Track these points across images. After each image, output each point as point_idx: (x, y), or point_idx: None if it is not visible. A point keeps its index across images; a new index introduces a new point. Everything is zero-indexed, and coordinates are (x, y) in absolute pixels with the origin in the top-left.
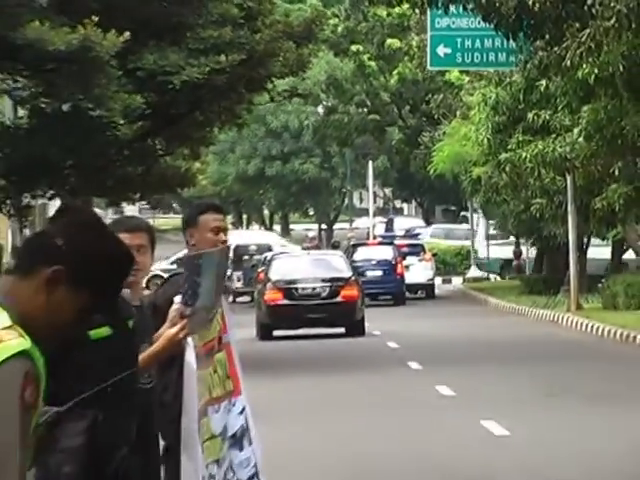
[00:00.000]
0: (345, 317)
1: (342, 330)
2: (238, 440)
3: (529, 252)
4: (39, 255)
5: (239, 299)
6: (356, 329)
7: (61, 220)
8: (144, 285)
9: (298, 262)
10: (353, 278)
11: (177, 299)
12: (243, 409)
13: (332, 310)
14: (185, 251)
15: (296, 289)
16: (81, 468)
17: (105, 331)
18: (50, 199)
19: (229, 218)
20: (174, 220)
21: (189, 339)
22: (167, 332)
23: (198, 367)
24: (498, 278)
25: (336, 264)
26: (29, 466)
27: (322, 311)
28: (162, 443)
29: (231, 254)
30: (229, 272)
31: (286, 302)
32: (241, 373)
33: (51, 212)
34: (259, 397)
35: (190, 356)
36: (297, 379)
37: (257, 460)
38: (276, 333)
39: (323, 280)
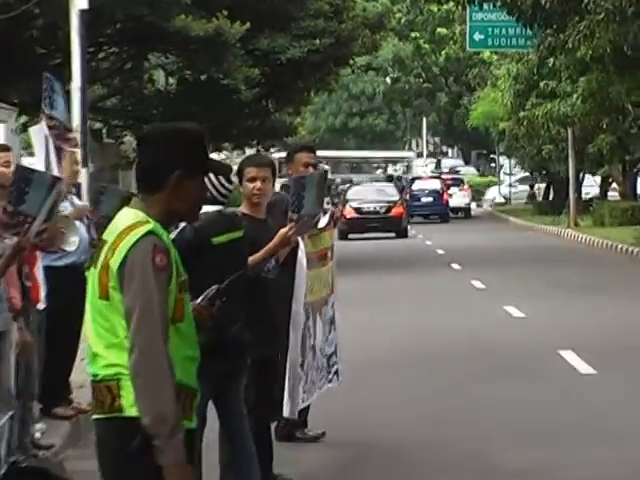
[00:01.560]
0: (394, 226)
1: (392, 235)
2: (329, 325)
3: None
4: (154, 176)
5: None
6: (401, 233)
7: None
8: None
9: (365, 190)
10: (400, 201)
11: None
12: (333, 303)
13: (386, 221)
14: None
15: (363, 207)
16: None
17: (223, 238)
18: None
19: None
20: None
21: (301, 245)
22: (280, 231)
23: (313, 267)
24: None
25: (389, 191)
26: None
27: (379, 222)
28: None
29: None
30: None
31: (356, 215)
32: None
33: None
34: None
35: (302, 258)
36: (366, 273)
37: (337, 342)
38: (350, 236)
39: (380, 202)
